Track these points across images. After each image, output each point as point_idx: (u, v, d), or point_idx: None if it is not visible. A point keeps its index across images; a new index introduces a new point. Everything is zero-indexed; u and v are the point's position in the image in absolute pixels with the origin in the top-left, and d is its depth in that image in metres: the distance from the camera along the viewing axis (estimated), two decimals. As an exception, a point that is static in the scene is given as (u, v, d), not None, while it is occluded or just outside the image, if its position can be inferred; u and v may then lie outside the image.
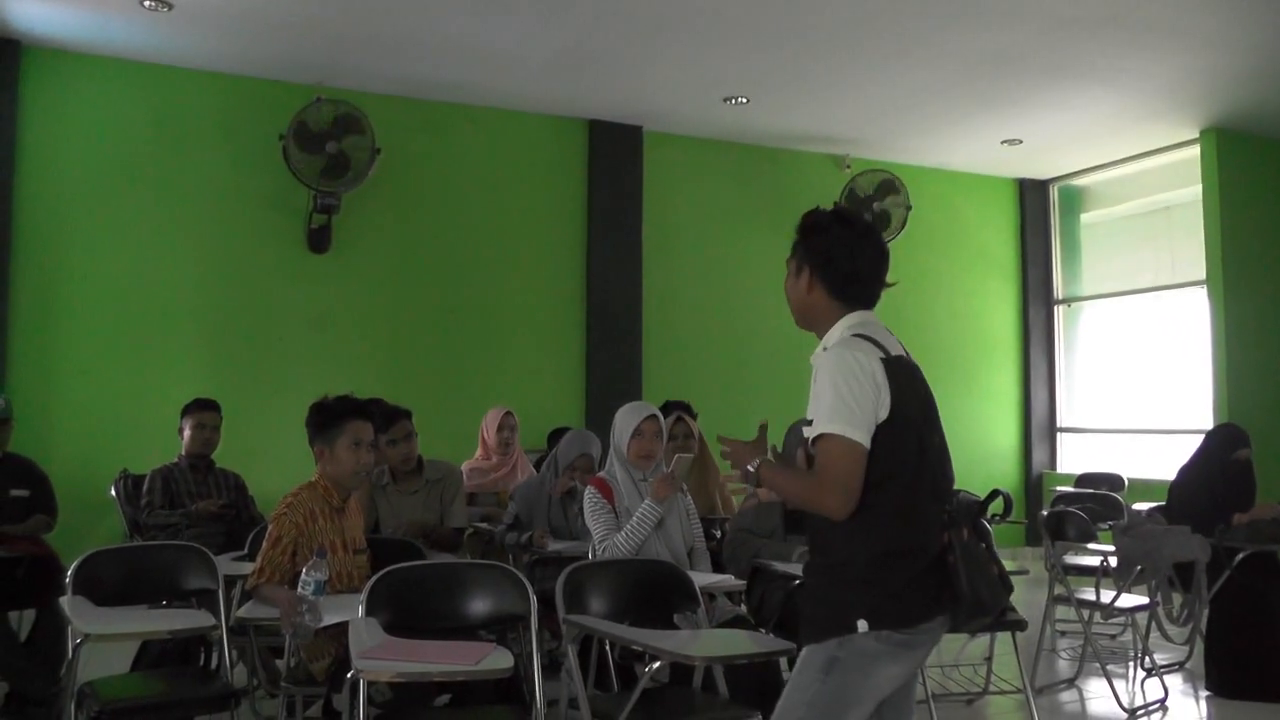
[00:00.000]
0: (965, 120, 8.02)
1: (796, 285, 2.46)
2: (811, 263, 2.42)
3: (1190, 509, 5.12)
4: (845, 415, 2.19)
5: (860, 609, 2.18)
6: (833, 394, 2.22)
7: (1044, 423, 9.67)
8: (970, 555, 2.21)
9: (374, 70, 7.05)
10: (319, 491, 3.44)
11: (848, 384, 2.22)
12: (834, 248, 2.41)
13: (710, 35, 6.43)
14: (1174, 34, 6.21)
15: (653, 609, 3.25)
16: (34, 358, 6.59)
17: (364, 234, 7.40)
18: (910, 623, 2.20)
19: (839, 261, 2.40)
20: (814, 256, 2.42)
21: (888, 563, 2.21)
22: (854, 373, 2.23)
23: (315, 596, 2.92)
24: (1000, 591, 2.25)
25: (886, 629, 2.18)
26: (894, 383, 2.25)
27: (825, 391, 2.24)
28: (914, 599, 2.21)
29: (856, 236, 2.43)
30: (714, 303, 8.36)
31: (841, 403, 2.20)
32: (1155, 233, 9.37)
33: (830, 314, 2.42)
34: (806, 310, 2.46)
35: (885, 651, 2.19)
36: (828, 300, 2.42)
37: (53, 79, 6.72)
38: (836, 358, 2.27)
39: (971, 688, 4.92)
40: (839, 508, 2.18)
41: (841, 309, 2.41)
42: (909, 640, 2.21)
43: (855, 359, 2.25)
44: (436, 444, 5.39)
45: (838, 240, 2.42)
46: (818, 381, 2.28)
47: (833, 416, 2.20)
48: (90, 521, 5.97)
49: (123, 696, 3.11)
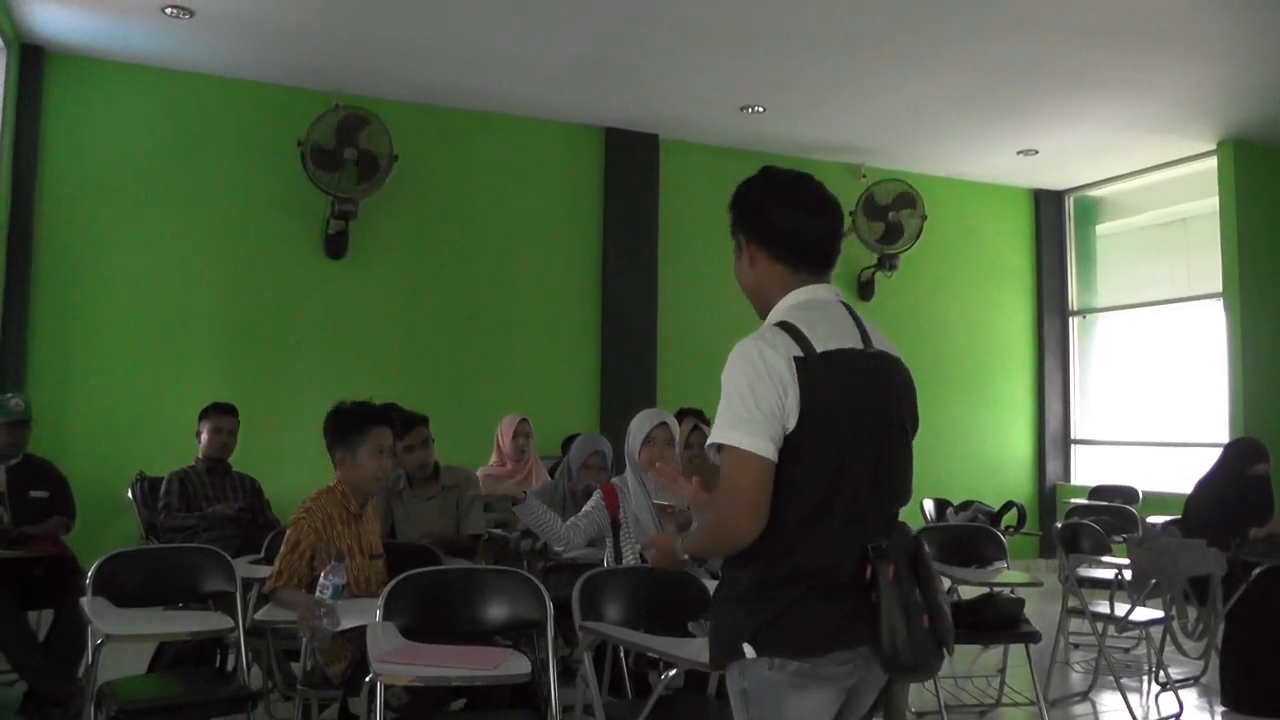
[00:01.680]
0: (981, 130, 8.02)
1: (741, 264, 2.13)
2: (747, 230, 2.09)
3: (1206, 523, 5.10)
4: (745, 423, 1.87)
5: (745, 633, 1.90)
6: (729, 401, 1.91)
7: (1058, 434, 9.65)
8: (894, 599, 1.85)
9: (392, 77, 7.10)
10: (337, 497, 3.45)
11: (749, 385, 1.89)
12: (766, 205, 2.08)
13: (727, 44, 6.45)
14: (1191, 45, 6.21)
15: (668, 616, 3.25)
16: (53, 360, 6.65)
17: (381, 240, 7.44)
18: (804, 653, 1.87)
19: (775, 218, 2.06)
20: (748, 222, 2.09)
21: (776, 586, 1.89)
22: (756, 372, 1.90)
23: (333, 600, 2.94)
24: (925, 648, 1.86)
25: (778, 656, 1.88)
26: (807, 386, 1.88)
27: (723, 395, 1.93)
28: (806, 627, 1.88)
29: (787, 184, 2.09)
30: (729, 311, 8.26)
31: (738, 410, 1.88)
32: (1171, 244, 9.34)
33: (781, 287, 2.06)
34: (759, 290, 2.11)
35: (787, 681, 1.88)
36: (774, 268, 2.06)
37: (76, 85, 6.78)
38: (739, 355, 1.94)
39: (984, 699, 4.91)
40: (745, 526, 1.86)
41: (792, 278, 2.05)
42: (815, 672, 1.88)
43: (760, 354, 1.91)
44: (452, 450, 5.41)
45: (769, 197, 2.08)
46: (723, 382, 1.95)
47: (731, 424, 1.89)
48: (107, 523, 6.01)
49: (141, 697, 3.14)
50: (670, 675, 2.89)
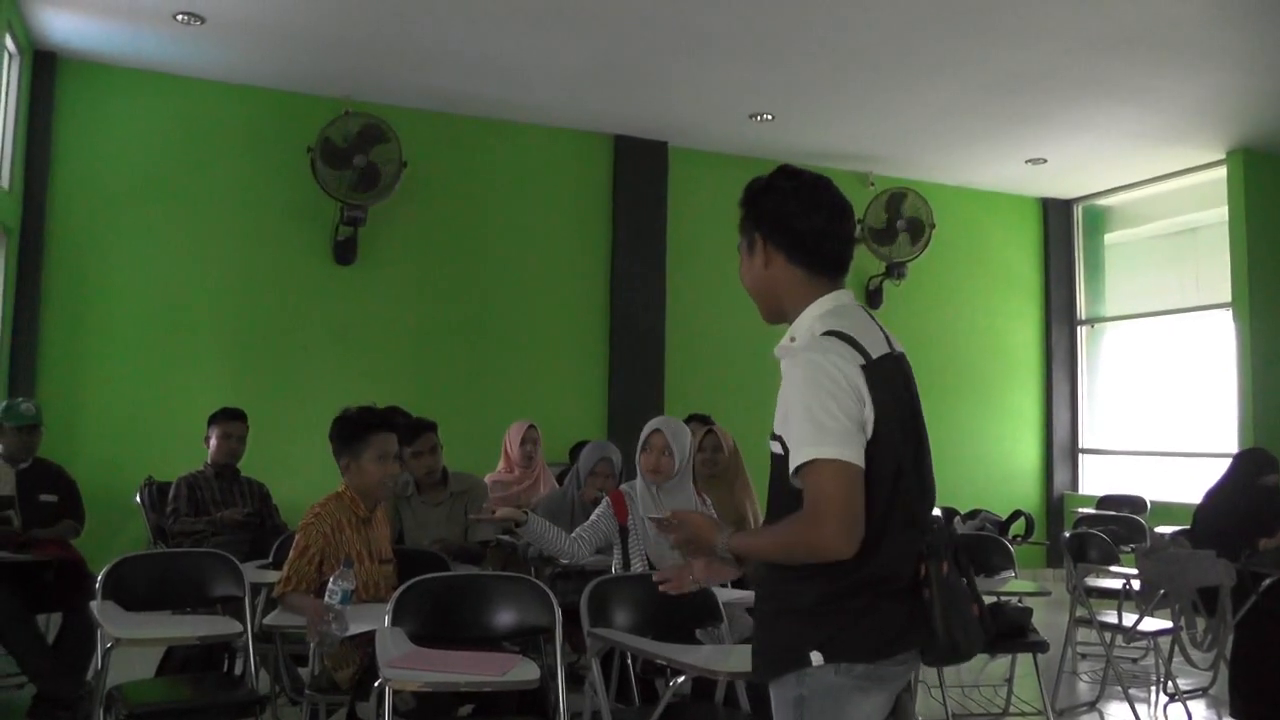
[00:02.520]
0: (990, 139, 8.02)
1: (752, 264, 2.07)
2: (764, 229, 2.04)
3: (1215, 533, 5.08)
4: (834, 435, 1.82)
5: (813, 641, 1.89)
6: (811, 414, 1.84)
7: (1066, 444, 9.62)
8: (948, 592, 1.89)
9: (401, 84, 7.12)
10: (345, 502, 3.46)
11: (830, 396, 1.84)
12: (787, 204, 2.02)
13: (737, 52, 6.46)
14: (1201, 54, 6.21)
15: (675, 624, 3.25)
16: (63, 364, 6.68)
17: (390, 247, 7.46)
18: (873, 656, 1.90)
19: (796, 218, 2.01)
20: (767, 220, 2.04)
21: (845, 596, 1.88)
22: (834, 384, 1.85)
23: (342, 605, 2.94)
24: (977, 635, 1.93)
25: (845, 661, 1.88)
26: (876, 394, 1.88)
27: (796, 411, 1.87)
28: (876, 631, 1.89)
29: (809, 187, 2.04)
30: (737, 318, 8.32)
31: (823, 422, 1.83)
32: (1180, 254, 9.33)
33: (799, 291, 2.02)
34: (771, 290, 2.06)
35: (851, 686, 1.89)
36: (792, 271, 2.02)
37: (87, 91, 6.82)
38: (810, 366, 1.88)
39: (992, 708, 4.90)
40: (843, 545, 1.81)
41: (810, 282, 2.02)
42: (876, 673, 1.90)
43: (835, 365, 1.87)
44: (460, 457, 5.42)
45: (790, 195, 2.03)
46: (788, 397, 1.90)
47: (818, 438, 1.83)
48: (116, 527, 6.03)
49: (150, 701, 3.15)
50: (678, 682, 2.89)
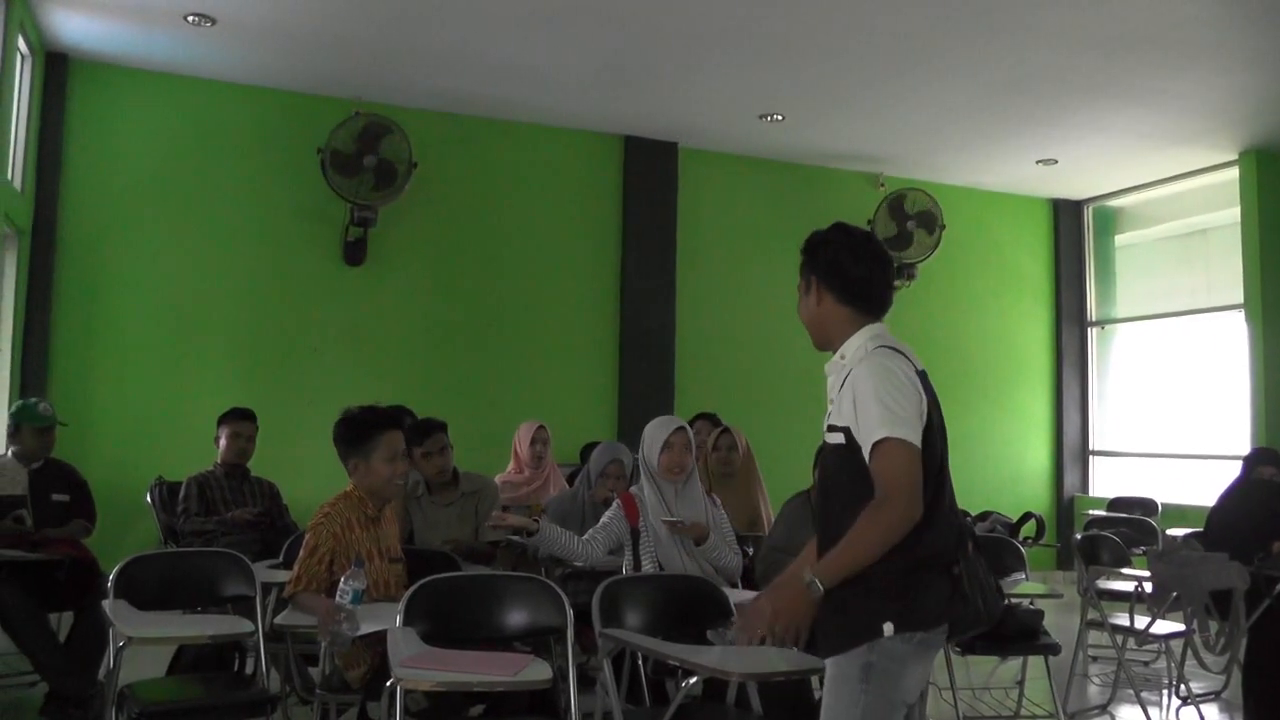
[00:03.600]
0: (1000, 140, 8.00)
1: (808, 303, 2.50)
2: (819, 274, 2.47)
3: (1229, 536, 5.04)
4: (901, 421, 2.22)
5: (887, 614, 2.20)
6: (882, 402, 2.24)
7: (1076, 445, 9.59)
8: (973, 567, 2.30)
9: (411, 85, 7.13)
10: (354, 501, 3.45)
11: (896, 390, 2.26)
12: (839, 255, 2.46)
13: (747, 53, 6.46)
14: (1213, 54, 6.18)
15: (686, 624, 3.24)
16: (75, 365, 6.70)
17: (400, 247, 7.47)
18: (930, 624, 2.25)
19: (845, 268, 2.44)
20: (821, 268, 2.47)
21: (915, 570, 2.23)
22: (898, 379, 2.28)
23: (354, 605, 2.94)
24: (996, 604, 2.34)
25: (911, 630, 2.22)
26: (927, 392, 2.33)
27: (869, 401, 2.26)
28: (933, 601, 2.24)
29: (857, 243, 2.49)
30: (747, 319, 8.35)
31: (893, 409, 2.23)
32: (1191, 255, 9.29)
33: (845, 324, 2.45)
34: (821, 324, 2.49)
35: (911, 653, 2.23)
36: (840, 309, 2.45)
37: (99, 92, 6.84)
38: (877, 367, 2.30)
39: (1003, 711, 4.88)
40: (911, 513, 2.19)
41: (855, 318, 2.44)
42: (928, 639, 2.26)
43: (897, 366, 2.30)
44: (470, 457, 5.42)
45: (841, 248, 2.47)
46: (859, 391, 2.28)
47: (890, 423, 2.22)
48: (126, 527, 6.05)
49: (161, 700, 3.15)
50: (690, 683, 2.88)
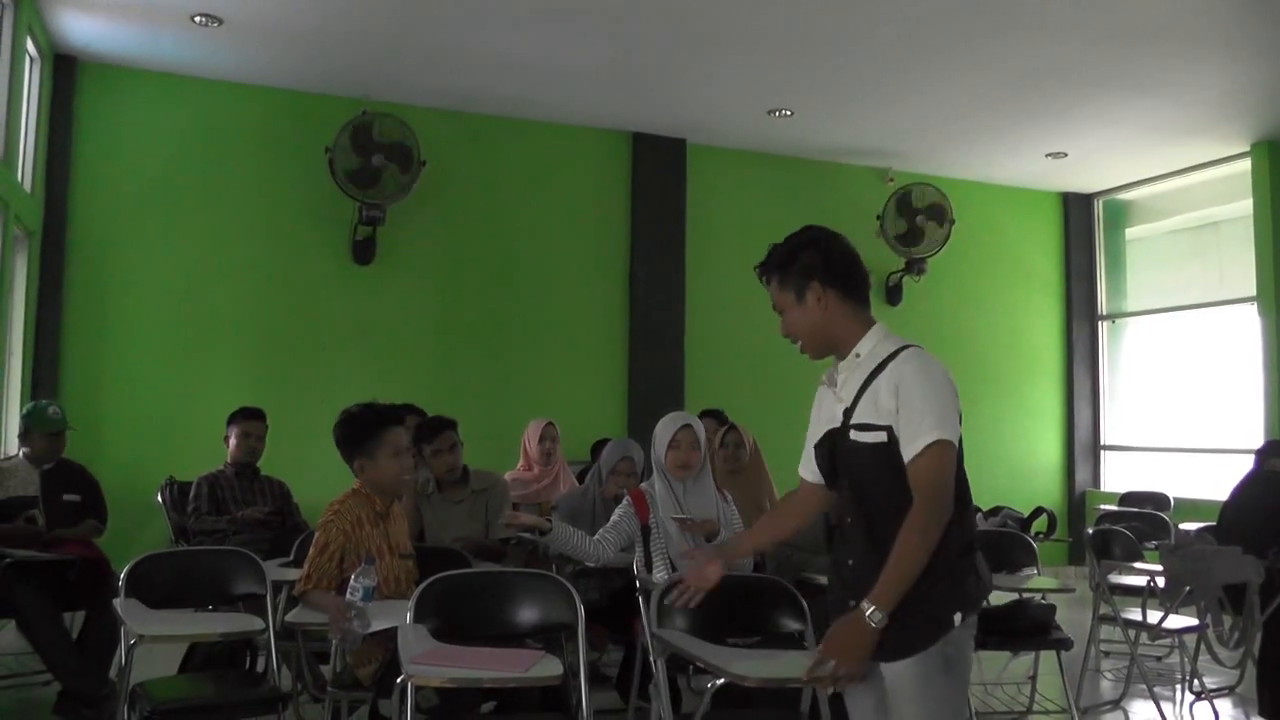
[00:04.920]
0: (1010, 133, 7.97)
1: (805, 311, 2.41)
2: (822, 277, 2.39)
3: (1242, 529, 5.01)
4: (949, 422, 2.26)
5: (955, 604, 2.26)
6: (934, 401, 2.26)
7: (1087, 440, 9.56)
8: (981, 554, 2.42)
9: (419, 84, 7.14)
10: (363, 498, 3.45)
11: (945, 388, 2.28)
12: (836, 252, 2.42)
13: (755, 48, 6.44)
14: (1225, 45, 6.14)
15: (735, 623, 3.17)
16: (85, 366, 6.72)
17: (408, 246, 7.48)
18: (978, 606, 2.33)
19: (848, 263, 2.41)
20: (821, 270, 2.39)
21: (964, 556, 2.31)
22: (943, 378, 2.30)
23: (364, 603, 2.93)
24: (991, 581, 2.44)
25: (971, 614, 2.30)
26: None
27: (918, 400, 2.25)
28: (973, 584, 2.32)
29: (841, 238, 2.46)
30: (756, 316, 8.24)
31: (945, 409, 2.26)
32: (1203, 248, 9.24)
33: (853, 323, 2.40)
34: (826, 330, 2.41)
35: (969, 634, 2.32)
36: (845, 308, 2.40)
37: (107, 94, 6.87)
38: (924, 364, 2.30)
39: (1015, 706, 4.86)
40: (947, 515, 2.24)
41: (860, 315, 2.41)
42: (973, 621, 2.32)
43: (938, 365, 2.31)
44: (480, 454, 5.42)
45: (833, 244, 2.43)
46: (907, 390, 2.26)
47: (941, 425, 2.24)
48: (138, 526, 6.07)
49: (173, 697, 3.16)
50: (717, 685, 2.84)
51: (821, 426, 2.47)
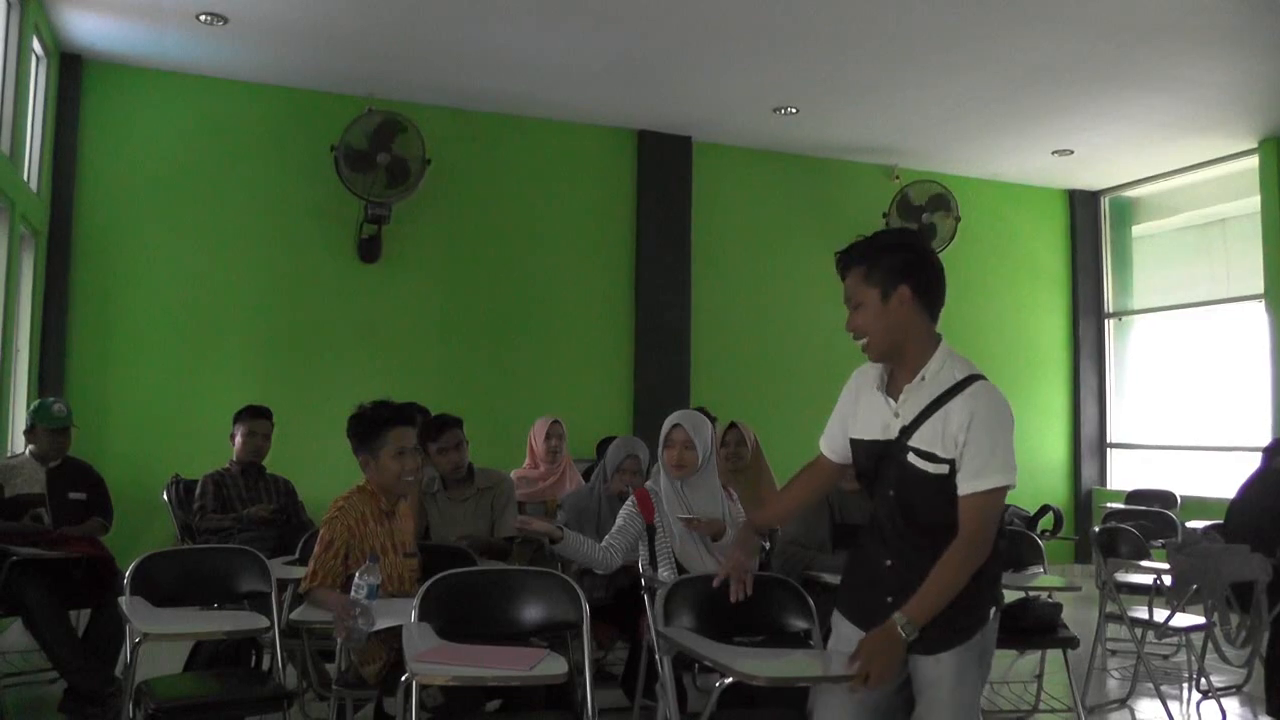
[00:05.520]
0: (1015, 130, 7.95)
1: (887, 311, 2.34)
2: (912, 281, 2.34)
3: (1250, 527, 4.98)
4: (1012, 467, 2.29)
5: (990, 601, 2.40)
6: (1003, 445, 2.28)
7: (1094, 438, 9.53)
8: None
9: (424, 82, 7.14)
10: (367, 495, 3.45)
11: (1009, 430, 2.31)
12: (927, 259, 2.39)
13: (760, 46, 6.43)
14: (1233, 41, 6.11)
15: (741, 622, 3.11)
16: (92, 365, 6.74)
17: (414, 244, 7.48)
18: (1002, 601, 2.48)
19: (931, 278, 2.38)
20: (913, 273, 2.34)
21: (996, 561, 2.39)
22: (1010, 418, 2.32)
23: (369, 601, 2.93)
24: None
25: (998, 609, 2.43)
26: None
27: (988, 441, 2.26)
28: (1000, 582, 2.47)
29: (932, 250, 2.46)
30: (763, 313, 8.34)
31: (1010, 452, 2.30)
32: (1210, 245, 9.21)
33: (926, 340, 2.37)
34: (901, 335, 2.36)
35: (996, 627, 2.43)
36: (924, 323, 2.37)
37: (113, 93, 6.88)
38: (996, 402, 2.31)
39: (1021, 705, 4.85)
40: (989, 550, 2.32)
41: (932, 330, 2.38)
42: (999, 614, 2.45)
43: (1006, 401, 2.33)
44: (486, 453, 5.42)
45: (927, 253, 2.41)
46: (979, 429, 2.26)
47: (1005, 470, 2.28)
48: (143, 524, 6.08)
49: (178, 695, 3.15)
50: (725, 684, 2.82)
51: (863, 425, 2.44)
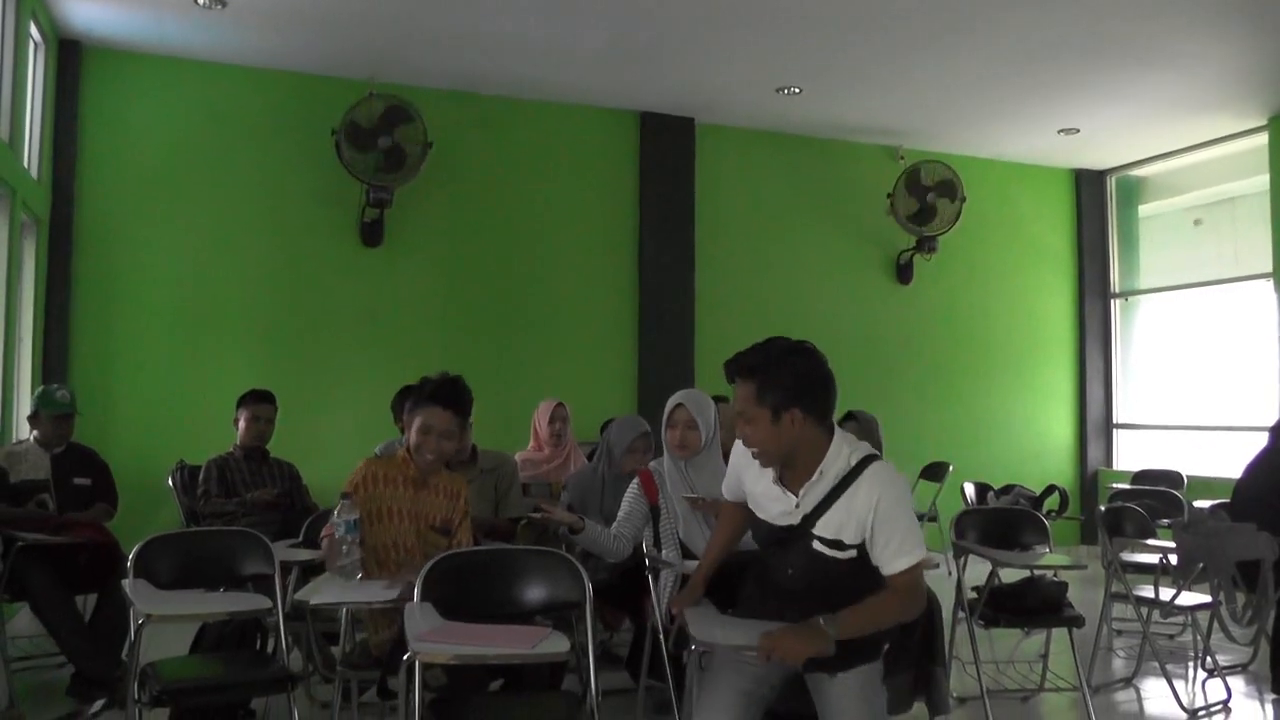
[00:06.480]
0: (1021, 109, 7.90)
1: (779, 431, 2.43)
2: (803, 403, 2.42)
3: (1256, 506, 4.96)
4: (921, 540, 2.45)
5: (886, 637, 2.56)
6: (910, 523, 2.42)
7: (1100, 419, 9.51)
8: None
9: (426, 65, 7.10)
10: (399, 462, 3.47)
11: (911, 504, 2.49)
12: (812, 377, 2.46)
13: (763, 25, 6.39)
14: (1240, 16, 6.05)
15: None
16: (95, 351, 6.74)
17: (416, 228, 7.46)
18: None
19: (820, 395, 2.46)
20: (802, 396, 2.43)
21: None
22: (909, 491, 2.53)
23: (350, 536, 3.08)
24: None
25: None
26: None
27: (896, 523, 2.40)
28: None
29: (816, 356, 2.50)
30: (767, 294, 8.31)
31: (917, 526, 2.45)
32: (1218, 225, 9.16)
33: (818, 441, 2.46)
34: (792, 448, 2.46)
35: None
36: (816, 430, 2.46)
37: (112, 79, 6.86)
38: (895, 482, 2.45)
39: (1027, 685, 4.84)
40: (922, 609, 2.49)
41: (824, 428, 2.47)
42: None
43: (901, 476, 2.49)
44: (490, 435, 5.41)
45: (812, 369, 2.46)
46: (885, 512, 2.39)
47: (918, 545, 2.42)
48: (148, 510, 6.08)
49: (183, 677, 3.15)
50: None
51: (763, 506, 2.58)
